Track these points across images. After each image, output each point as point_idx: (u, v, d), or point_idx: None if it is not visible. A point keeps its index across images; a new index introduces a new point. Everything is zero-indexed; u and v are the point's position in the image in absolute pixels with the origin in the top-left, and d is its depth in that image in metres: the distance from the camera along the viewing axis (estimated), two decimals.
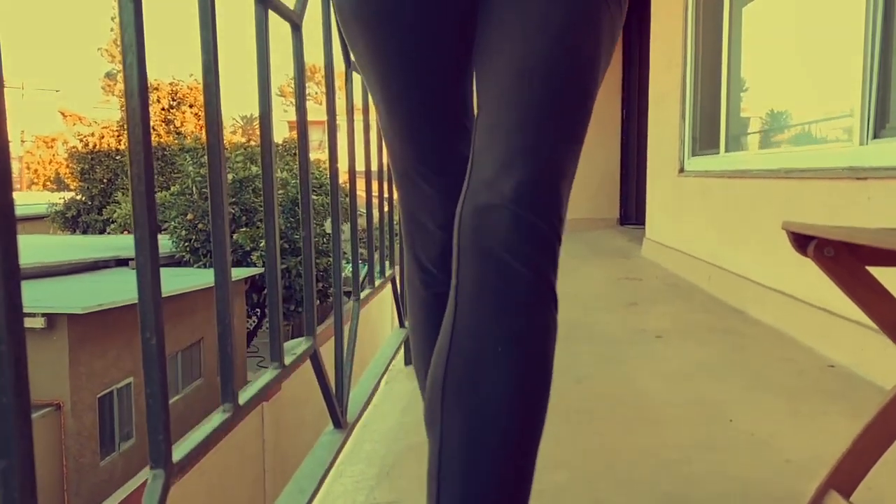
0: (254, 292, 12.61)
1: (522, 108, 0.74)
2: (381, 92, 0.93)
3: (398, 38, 0.87)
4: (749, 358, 2.34)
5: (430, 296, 1.00)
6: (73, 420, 7.47)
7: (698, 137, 4.16)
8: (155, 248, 0.66)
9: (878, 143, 2.15)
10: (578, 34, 0.77)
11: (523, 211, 0.71)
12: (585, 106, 0.78)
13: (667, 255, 4.50)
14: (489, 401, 0.71)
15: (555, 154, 0.74)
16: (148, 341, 0.67)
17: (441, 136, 0.93)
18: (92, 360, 7.76)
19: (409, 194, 0.98)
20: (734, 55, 3.58)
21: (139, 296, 0.68)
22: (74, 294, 8.02)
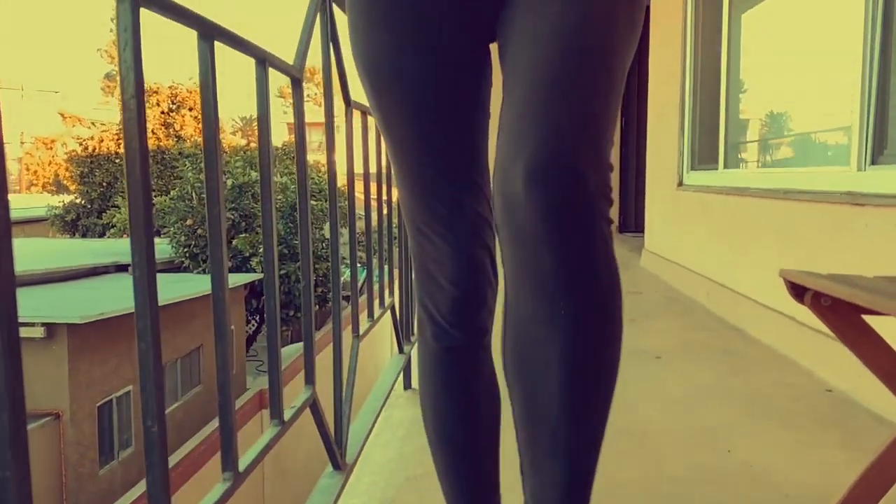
0: (253, 297, 12.61)
1: (543, 90, 0.73)
2: (394, 150, 0.94)
3: (413, 105, 0.88)
4: (747, 381, 2.34)
5: (442, 350, 1.00)
6: (72, 429, 7.46)
7: (697, 151, 4.17)
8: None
9: (875, 170, 2.16)
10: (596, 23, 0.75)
11: (558, 186, 0.69)
12: (609, 81, 0.76)
13: (666, 268, 4.51)
14: (541, 382, 0.76)
15: (582, 121, 0.73)
16: (147, 397, 0.66)
17: (454, 195, 0.93)
18: (91, 369, 7.75)
19: (421, 248, 0.98)
20: (733, 72, 3.59)
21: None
22: (74, 302, 8.02)
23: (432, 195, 0.93)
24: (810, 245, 2.49)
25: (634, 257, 5.58)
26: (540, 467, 0.81)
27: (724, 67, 3.60)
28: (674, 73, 4.34)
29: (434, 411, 1.03)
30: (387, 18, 0.87)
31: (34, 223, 20.81)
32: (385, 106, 0.91)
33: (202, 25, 0.71)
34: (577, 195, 0.70)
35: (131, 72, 0.57)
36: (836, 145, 2.46)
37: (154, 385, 0.66)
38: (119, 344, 8.09)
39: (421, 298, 1.02)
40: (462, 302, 0.97)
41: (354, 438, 1.45)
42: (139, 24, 0.58)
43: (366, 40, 0.89)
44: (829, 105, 2.66)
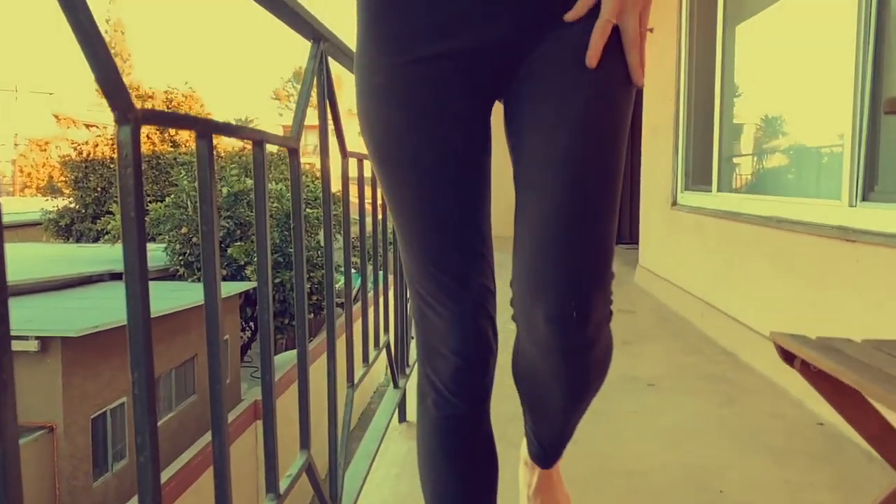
0: (248, 306, 12.60)
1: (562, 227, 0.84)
2: (400, 221, 0.95)
3: (424, 182, 0.90)
4: (739, 413, 2.36)
5: (442, 418, 1.01)
6: (66, 442, 7.45)
7: (691, 172, 4.19)
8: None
9: (866, 207, 2.18)
10: (609, 142, 0.85)
11: (568, 329, 0.84)
12: (616, 199, 0.87)
13: (659, 286, 4.53)
14: (546, 397, 1.00)
15: (587, 279, 0.84)
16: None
17: (460, 268, 0.94)
18: (85, 382, 7.74)
19: (424, 316, 0.99)
20: (727, 95, 3.61)
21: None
22: (68, 314, 8.00)
23: (438, 268, 0.94)
24: (803, 276, 2.51)
25: (629, 272, 5.60)
26: (538, 427, 1.11)
27: (717, 90, 3.63)
28: (668, 94, 4.36)
29: (432, 479, 1.04)
30: (403, 96, 0.89)
31: (28, 227, 20.75)
32: (396, 182, 0.92)
33: (199, 125, 0.72)
34: (589, 332, 0.85)
35: (131, 195, 0.58)
36: (828, 178, 2.48)
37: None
38: (114, 356, 8.08)
39: (422, 366, 1.03)
40: (464, 371, 0.98)
41: (350, 485, 1.46)
42: (139, 142, 0.59)
43: (379, 119, 0.91)
44: (820, 137, 2.69)
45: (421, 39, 0.87)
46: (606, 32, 0.83)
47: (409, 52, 0.87)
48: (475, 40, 0.86)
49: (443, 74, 0.88)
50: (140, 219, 0.58)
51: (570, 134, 0.83)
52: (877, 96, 2.19)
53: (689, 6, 4.14)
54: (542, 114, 0.86)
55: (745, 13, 3.49)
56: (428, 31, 0.86)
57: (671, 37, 4.27)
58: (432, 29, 0.86)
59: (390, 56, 0.88)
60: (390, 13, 0.87)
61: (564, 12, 0.86)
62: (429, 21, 0.86)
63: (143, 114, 0.60)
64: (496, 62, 0.89)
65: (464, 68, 0.88)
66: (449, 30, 0.86)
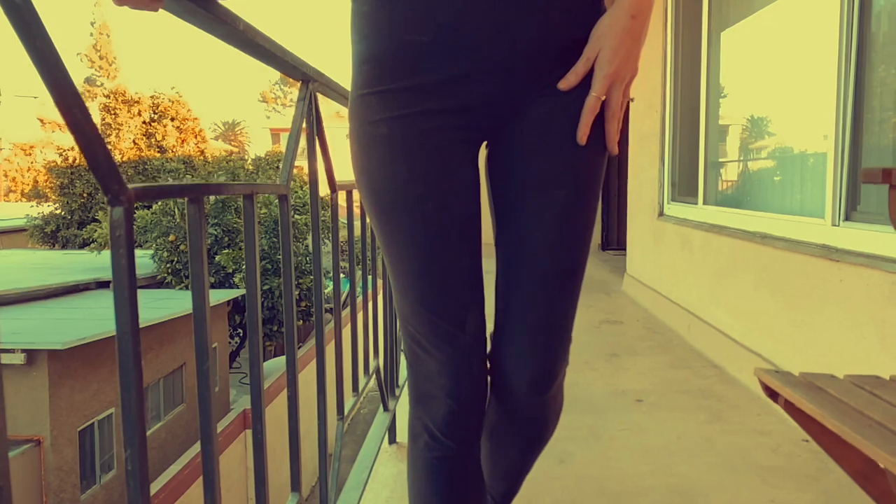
0: (237, 313, 12.55)
1: (539, 317, 0.98)
2: (396, 269, 0.96)
3: (423, 233, 0.92)
4: (726, 430, 2.38)
5: (434, 459, 1.02)
6: (54, 455, 7.39)
7: (677, 183, 4.22)
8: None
9: (849, 227, 2.21)
10: (587, 228, 0.98)
11: (543, 392, 1.01)
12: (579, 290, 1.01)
13: (646, 295, 4.56)
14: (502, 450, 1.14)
15: (562, 348, 1.01)
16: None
17: (456, 313, 0.96)
18: (72, 394, 7.69)
19: (418, 359, 1.00)
20: (712, 106, 3.64)
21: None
22: (55, 325, 7.94)
23: (434, 313, 0.96)
24: (788, 293, 2.54)
25: (616, 280, 5.63)
26: (493, 481, 1.18)
27: (703, 102, 3.66)
28: (654, 104, 4.40)
29: None
30: (404, 148, 0.91)
31: (13, 233, 20.58)
32: (393, 229, 0.94)
33: (191, 192, 0.73)
34: (555, 391, 1.03)
35: (125, 274, 0.59)
36: (812, 196, 2.51)
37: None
38: (101, 368, 8.03)
39: (414, 408, 1.04)
40: (457, 414, 0.99)
41: None
42: (132, 222, 0.60)
43: (380, 168, 0.92)
44: (805, 153, 2.72)
45: (422, 96, 0.89)
46: (596, 109, 0.89)
47: (411, 106, 0.90)
48: (473, 98, 0.90)
49: (442, 128, 0.91)
50: (133, 296, 0.58)
51: (556, 208, 0.94)
52: (858, 116, 2.22)
53: (674, 18, 4.18)
54: (531, 176, 0.94)
55: (730, 22, 3.52)
56: (429, 89, 0.89)
57: (657, 48, 4.31)
58: (433, 87, 0.89)
59: (392, 111, 0.90)
60: (395, 73, 0.89)
61: (553, 75, 0.91)
62: (430, 80, 0.89)
63: (136, 192, 0.61)
64: (491, 117, 0.94)
65: (461, 123, 0.92)
66: (449, 88, 0.89)
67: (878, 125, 2.19)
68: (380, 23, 0.90)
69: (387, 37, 0.89)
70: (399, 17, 0.88)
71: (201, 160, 20.26)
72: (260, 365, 0.94)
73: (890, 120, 2.16)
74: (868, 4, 2.17)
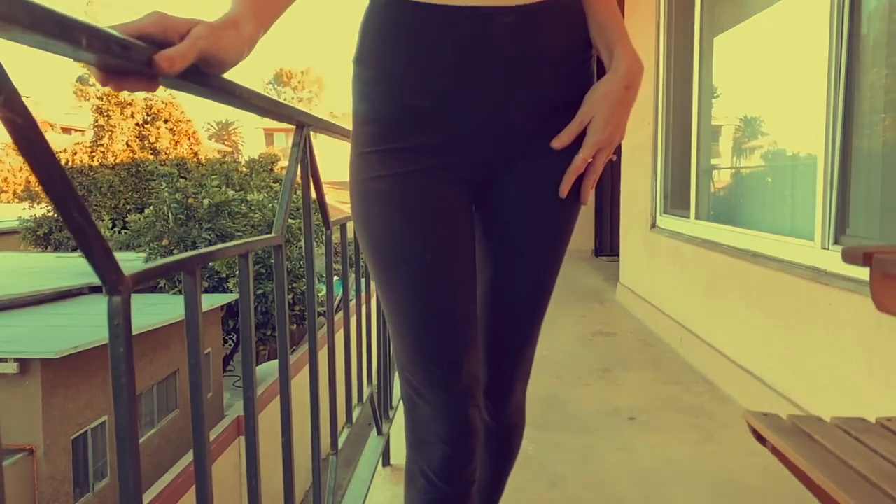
0: (230, 317, 12.54)
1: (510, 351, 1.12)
2: (394, 316, 0.99)
3: (416, 282, 0.95)
4: (718, 451, 2.40)
5: (430, 502, 1.04)
6: (46, 464, 7.37)
7: (670, 195, 4.25)
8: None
9: (838, 251, 2.23)
10: (558, 263, 1.09)
11: (514, 418, 1.18)
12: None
13: (639, 306, 4.59)
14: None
15: (525, 377, 1.16)
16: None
17: (453, 359, 0.98)
18: (65, 402, 7.67)
19: (415, 405, 1.02)
20: (704, 119, 3.67)
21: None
22: (47, 332, 7.92)
23: (431, 361, 0.98)
24: (779, 313, 2.56)
25: (609, 289, 5.66)
26: None
27: (694, 117, 3.68)
28: (647, 118, 4.42)
29: None
30: (405, 202, 0.94)
31: (6, 235, 20.48)
32: (392, 278, 0.97)
33: (188, 264, 0.74)
34: (522, 412, 1.21)
35: (123, 363, 0.60)
36: (802, 217, 2.53)
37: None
38: (94, 376, 8.01)
39: (411, 451, 1.06)
40: (452, 459, 1.01)
41: None
42: (130, 311, 0.61)
43: (381, 221, 0.96)
44: (796, 173, 2.74)
45: (421, 154, 0.94)
46: (581, 170, 0.96)
47: (410, 164, 0.94)
48: (469, 156, 0.96)
49: (439, 183, 0.95)
50: (131, 387, 0.59)
51: (536, 251, 1.05)
52: (847, 140, 2.24)
53: (665, 34, 4.20)
54: (514, 223, 1.04)
55: (723, 30, 3.55)
56: (428, 149, 0.94)
57: (650, 61, 4.33)
58: (432, 147, 0.94)
59: (392, 168, 0.94)
60: (396, 134, 0.93)
61: (543, 133, 0.96)
62: (429, 141, 0.93)
63: (134, 279, 0.62)
64: (484, 172, 0.99)
65: (457, 178, 0.97)
66: (447, 148, 0.94)
67: (867, 148, 2.21)
68: (382, 88, 0.93)
69: (389, 102, 0.93)
70: (401, 84, 0.92)
71: (195, 162, 20.22)
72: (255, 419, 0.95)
73: (878, 143, 2.19)
74: (857, 32, 2.20)
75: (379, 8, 0.94)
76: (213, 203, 12.14)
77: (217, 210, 12.32)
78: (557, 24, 0.95)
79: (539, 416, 2.75)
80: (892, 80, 2.11)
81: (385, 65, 0.94)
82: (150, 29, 0.65)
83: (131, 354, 0.60)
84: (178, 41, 0.67)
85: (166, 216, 12.03)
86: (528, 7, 0.91)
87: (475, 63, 0.90)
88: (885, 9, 2.13)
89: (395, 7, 0.92)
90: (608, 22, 0.98)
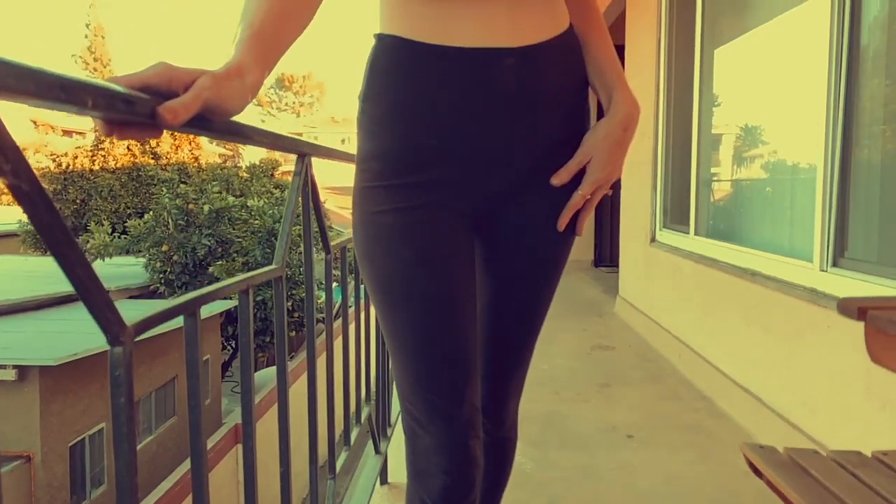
0: (229, 324, 12.53)
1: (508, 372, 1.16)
2: (397, 347, 1.00)
3: (418, 314, 0.97)
4: (715, 470, 2.41)
5: None
6: (44, 471, 7.36)
7: (669, 210, 4.26)
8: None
9: (836, 273, 2.24)
10: (549, 297, 1.13)
11: (509, 431, 1.23)
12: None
13: (639, 320, 4.59)
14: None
15: (518, 394, 1.20)
16: None
17: (454, 390, 0.99)
18: (63, 409, 7.66)
19: (416, 435, 1.03)
20: (704, 134, 3.68)
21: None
22: (46, 339, 7.91)
23: (431, 392, 0.99)
24: (777, 333, 2.56)
25: (608, 301, 5.66)
26: None
27: (694, 132, 3.69)
28: (646, 132, 4.43)
29: None
30: (410, 236, 0.96)
31: (6, 238, 20.48)
32: (395, 310, 0.98)
33: (185, 307, 0.75)
34: (515, 426, 1.24)
35: (123, 413, 0.60)
36: (801, 237, 2.54)
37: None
38: (92, 383, 7.99)
39: (412, 481, 1.07)
40: (453, 489, 1.02)
41: None
42: (132, 362, 0.62)
43: (385, 254, 0.97)
44: (795, 193, 2.75)
45: (425, 189, 0.96)
46: (579, 206, 1.00)
47: (415, 199, 0.96)
48: (471, 192, 0.99)
49: (442, 216, 0.97)
50: (131, 438, 0.60)
51: (533, 280, 1.09)
52: (846, 160, 2.25)
53: (666, 50, 4.22)
54: (511, 255, 1.07)
55: (723, 42, 3.56)
56: (431, 184, 0.96)
57: (650, 77, 4.35)
58: (436, 183, 0.96)
59: (396, 202, 0.96)
60: (401, 171, 0.95)
61: (542, 169, 1.00)
62: (433, 177, 0.95)
63: (136, 329, 0.62)
64: (486, 206, 1.02)
65: (460, 211, 0.99)
66: (450, 183, 0.96)
67: (865, 172, 2.22)
68: (388, 126, 0.95)
69: (394, 139, 0.95)
70: (406, 122, 0.94)
71: (195, 167, 20.24)
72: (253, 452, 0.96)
73: (878, 164, 2.19)
74: (855, 62, 2.21)
75: (385, 48, 0.97)
76: (214, 209, 12.14)
77: (217, 216, 12.32)
78: (557, 65, 0.98)
79: (538, 433, 2.75)
80: (891, 97, 2.12)
81: (390, 103, 0.96)
82: (154, 80, 0.66)
83: (132, 405, 0.61)
84: (183, 92, 0.68)
85: (166, 221, 12.03)
86: (528, 49, 0.94)
87: (478, 102, 0.93)
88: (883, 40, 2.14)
89: (400, 47, 0.95)
90: (606, 66, 1.03)
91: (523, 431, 2.43)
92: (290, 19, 0.86)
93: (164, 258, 11.91)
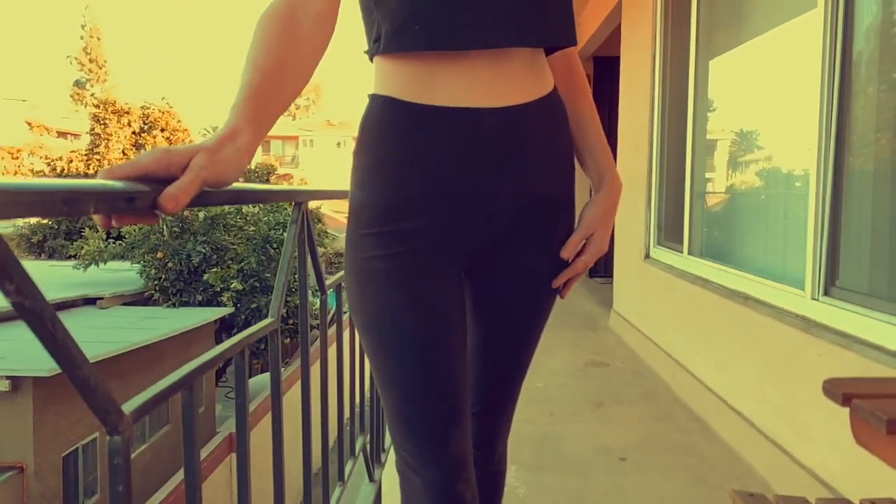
0: (224, 331, 12.51)
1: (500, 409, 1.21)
2: (386, 388, 1.02)
3: (409, 356, 0.99)
4: (708, 497, 2.42)
5: None
6: (37, 482, 7.33)
7: (663, 227, 4.28)
8: None
9: (827, 302, 2.25)
10: (537, 335, 1.18)
11: (499, 464, 1.26)
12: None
13: (633, 335, 4.61)
14: None
15: (507, 427, 1.25)
16: None
17: (444, 433, 1.01)
18: (57, 420, 7.63)
19: (406, 476, 1.06)
20: (699, 153, 3.70)
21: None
22: (40, 349, 7.79)
23: (421, 436, 1.02)
24: (768, 358, 2.58)
25: (602, 315, 5.68)
26: None
27: (689, 153, 3.71)
28: (641, 148, 4.45)
29: None
30: (402, 279, 0.98)
31: None
32: (387, 353, 1.01)
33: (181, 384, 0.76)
34: (504, 458, 1.28)
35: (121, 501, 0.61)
36: (793, 264, 2.55)
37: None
38: None
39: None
40: None
41: None
42: (130, 450, 0.63)
43: (377, 297, 1.00)
44: (788, 218, 2.77)
45: (415, 236, 0.98)
46: (580, 272, 1.08)
47: (405, 245, 0.98)
48: (460, 239, 1.02)
49: (432, 262, 1.00)
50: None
51: (522, 325, 1.14)
52: (838, 187, 2.26)
53: (661, 65, 4.24)
54: (504, 299, 1.12)
55: (718, 53, 3.58)
56: (421, 232, 0.99)
57: (644, 92, 4.37)
58: (425, 230, 0.99)
59: (388, 248, 0.99)
60: (392, 219, 0.98)
61: (530, 222, 1.06)
62: (423, 225, 0.98)
63: (134, 416, 0.63)
64: (474, 252, 1.05)
65: (449, 257, 1.02)
66: (439, 231, 0.99)
67: (857, 200, 2.24)
68: (379, 179, 0.99)
69: (385, 190, 0.99)
70: (396, 175, 0.98)
71: None
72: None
73: (869, 196, 2.21)
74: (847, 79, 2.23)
75: (378, 106, 1.01)
76: (209, 216, 12.13)
77: (212, 222, 12.31)
78: (540, 124, 1.03)
79: (532, 456, 2.77)
80: (884, 124, 2.14)
81: (382, 158, 0.99)
82: (153, 168, 0.67)
83: (130, 493, 0.61)
84: (181, 174, 0.69)
85: (161, 228, 12.01)
86: (510, 109, 0.98)
87: (464, 158, 0.97)
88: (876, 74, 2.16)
89: (391, 106, 0.99)
90: (596, 147, 1.16)
91: (518, 454, 2.43)
92: (285, 83, 0.88)
93: (158, 265, 11.89)
